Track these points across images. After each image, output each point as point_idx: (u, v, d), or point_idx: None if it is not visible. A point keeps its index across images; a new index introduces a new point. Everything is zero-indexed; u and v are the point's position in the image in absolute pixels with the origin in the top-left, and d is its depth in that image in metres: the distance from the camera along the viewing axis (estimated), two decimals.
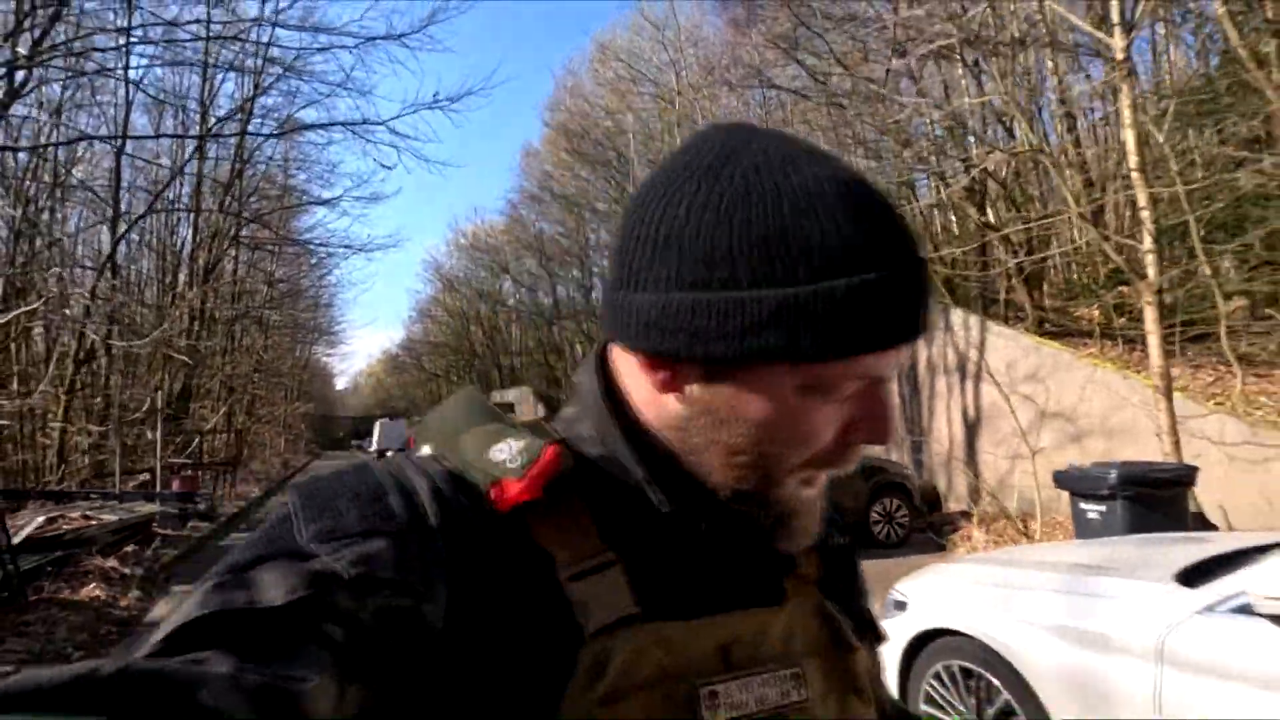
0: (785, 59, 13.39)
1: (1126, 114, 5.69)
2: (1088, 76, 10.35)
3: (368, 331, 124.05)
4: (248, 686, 0.36)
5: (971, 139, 11.70)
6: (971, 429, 10.21)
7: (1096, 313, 9.93)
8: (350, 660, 0.40)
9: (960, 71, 11.94)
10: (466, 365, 46.19)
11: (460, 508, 0.48)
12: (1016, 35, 8.67)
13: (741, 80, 15.47)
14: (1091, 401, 8.58)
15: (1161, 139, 7.08)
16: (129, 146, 12.88)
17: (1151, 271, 5.92)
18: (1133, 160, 5.85)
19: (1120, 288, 9.36)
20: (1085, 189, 10.32)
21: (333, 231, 32.91)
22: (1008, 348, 9.65)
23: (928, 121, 11.23)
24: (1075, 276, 10.75)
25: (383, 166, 32.55)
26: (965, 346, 10.32)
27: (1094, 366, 8.68)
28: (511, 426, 0.53)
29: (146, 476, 12.80)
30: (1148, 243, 5.90)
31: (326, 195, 17.57)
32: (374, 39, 11.12)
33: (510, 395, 33.51)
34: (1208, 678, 1.91)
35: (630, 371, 0.55)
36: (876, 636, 0.65)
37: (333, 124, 12.76)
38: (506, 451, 0.50)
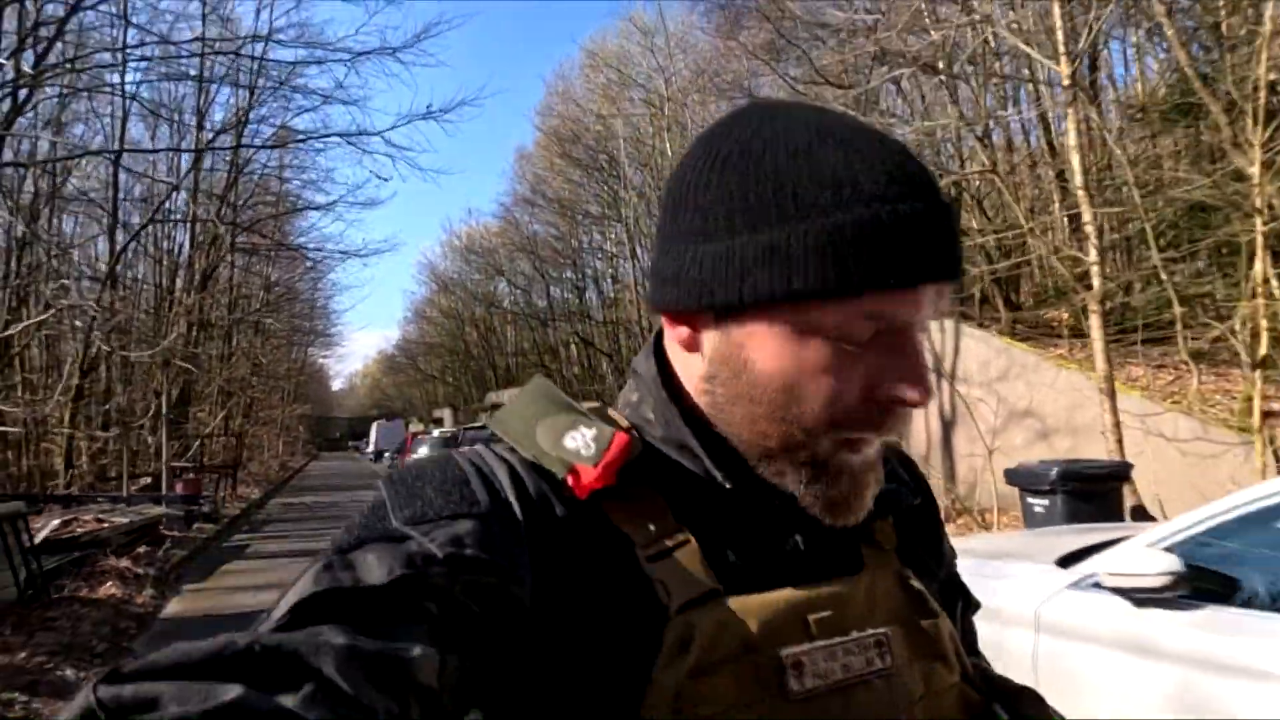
0: (769, 69, 13.80)
1: (1072, 137, 6.11)
2: (1049, 92, 10.80)
3: (364, 333, 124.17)
4: (363, 655, 0.39)
5: (946, 151, 12.15)
6: (947, 427, 10.64)
7: (1066, 315, 10.37)
8: (447, 633, 0.43)
9: (938, 82, 12.35)
10: (462, 366, 46.47)
11: (539, 493, 0.50)
12: (969, 61, 9.10)
13: (726, 89, 15.87)
14: (1058, 400, 9.02)
15: (1119, 152, 7.50)
16: (126, 159, 13.25)
17: (1096, 283, 6.35)
18: (1078, 179, 6.28)
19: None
20: (1062, 198, 10.79)
21: (328, 236, 33.15)
22: (980, 349, 10.09)
23: (900, 136, 11.67)
24: (1047, 281, 11.21)
25: (379, 178, 32.85)
26: (941, 347, 10.75)
27: (1059, 367, 9.11)
28: (583, 414, 0.54)
29: (148, 480, 13.17)
30: (1093, 255, 6.32)
31: (321, 200, 17.82)
32: (367, 53, 11.46)
33: (505, 396, 33.93)
34: (1070, 640, 2.33)
35: (673, 347, 0.57)
36: (967, 602, 0.65)
37: (328, 134, 13.14)
38: (580, 439, 0.51)
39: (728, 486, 0.53)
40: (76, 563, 6.67)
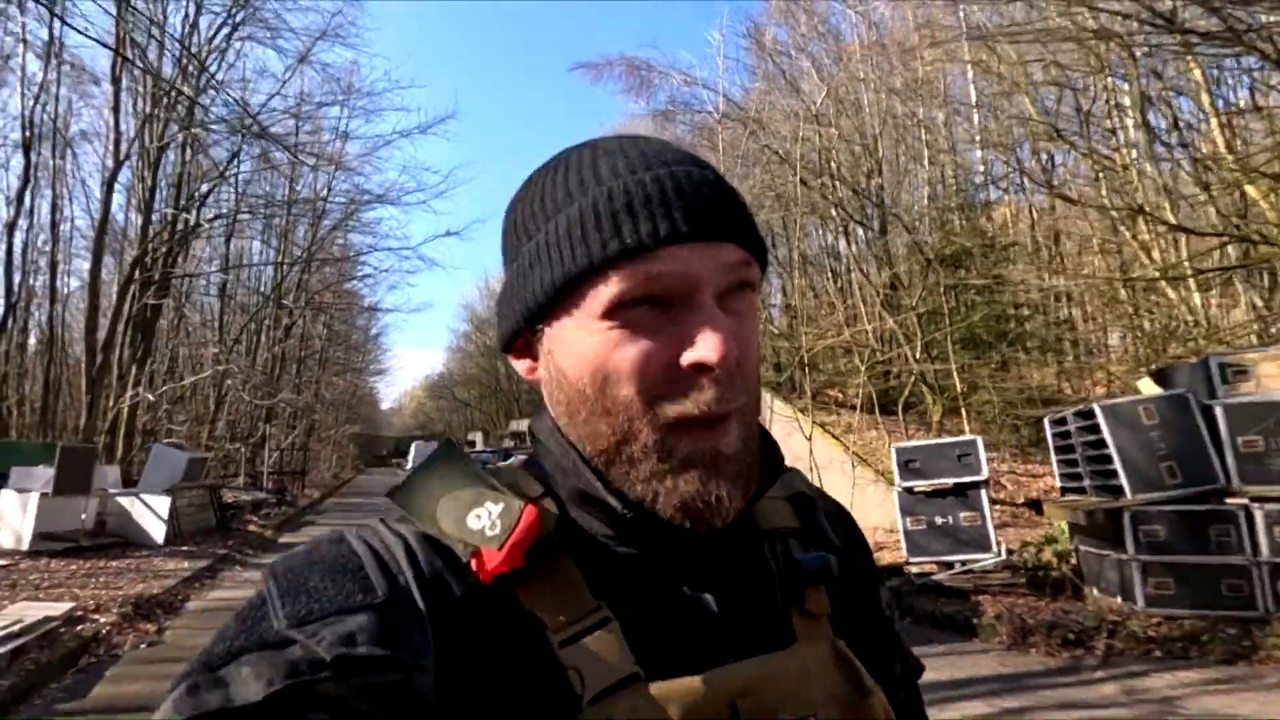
0: None
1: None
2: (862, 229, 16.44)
3: (415, 350, 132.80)
4: None
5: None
6: None
7: (839, 392, 15.88)
8: None
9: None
10: (492, 396, 52.89)
11: (439, 575, 0.47)
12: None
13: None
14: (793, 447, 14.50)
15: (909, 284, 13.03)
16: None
17: (862, 378, 11.88)
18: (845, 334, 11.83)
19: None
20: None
21: (380, 298, 41.24)
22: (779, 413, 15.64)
23: None
24: (840, 364, 16.64)
25: (409, 285, 39.94)
26: None
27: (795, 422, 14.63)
28: (489, 488, 0.50)
29: (250, 479, 19.54)
30: (857, 362, 11.86)
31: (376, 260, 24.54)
32: (409, 203, 17.73)
33: (525, 425, 40.06)
34: None
35: (545, 392, 0.55)
36: (906, 666, 0.62)
37: (378, 249, 19.50)
38: (485, 518, 0.48)
39: (623, 520, 0.50)
40: (236, 513, 12.81)
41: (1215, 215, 8.67)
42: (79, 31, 10.26)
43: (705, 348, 0.46)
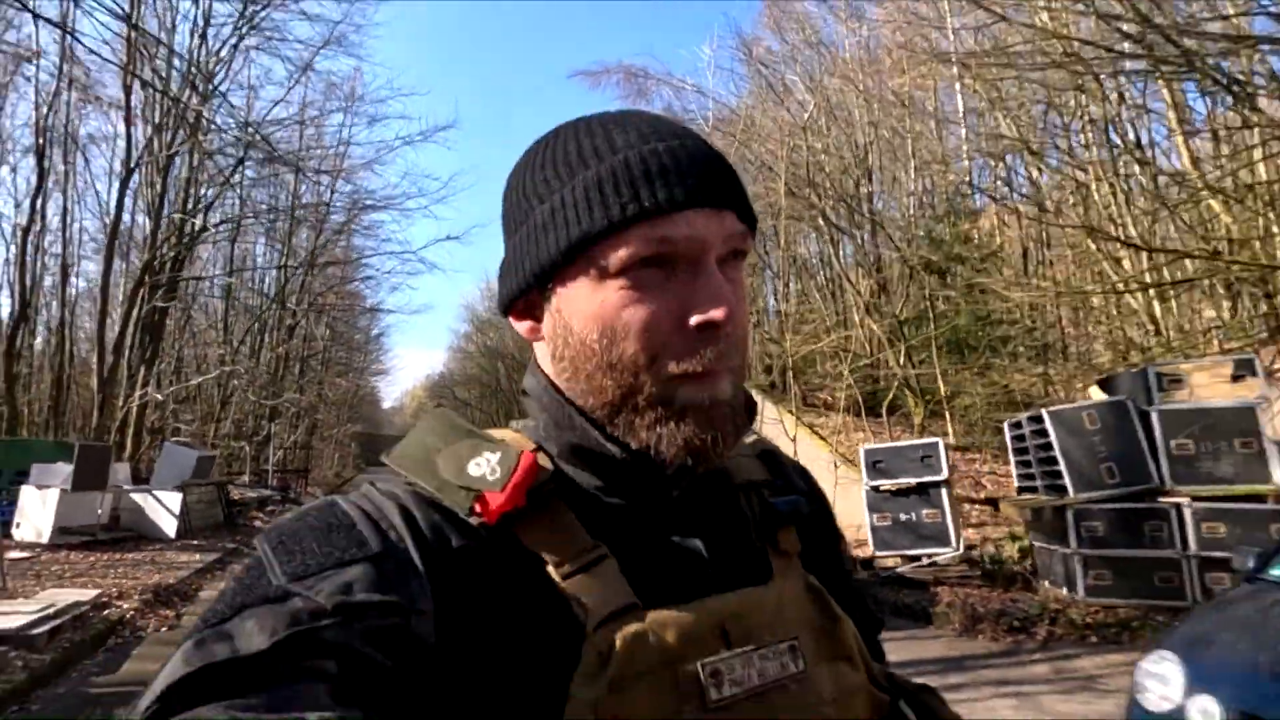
0: None
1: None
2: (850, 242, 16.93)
3: (415, 350, 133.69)
4: None
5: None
6: None
7: (828, 395, 16.35)
8: (348, 689, 0.41)
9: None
10: (492, 396, 53.33)
11: (432, 524, 0.49)
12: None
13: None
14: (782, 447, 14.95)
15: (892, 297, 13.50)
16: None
17: (845, 381, 12.34)
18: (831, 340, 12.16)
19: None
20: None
21: (381, 299, 42.11)
22: (768, 415, 16.10)
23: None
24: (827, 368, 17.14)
25: (410, 289, 40.88)
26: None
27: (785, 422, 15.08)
28: (486, 440, 0.53)
29: (254, 477, 20.03)
30: (845, 368, 12.32)
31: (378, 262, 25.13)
32: (410, 209, 18.20)
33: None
34: None
35: (537, 350, 0.59)
36: (870, 619, 0.66)
37: (380, 254, 19.97)
38: (485, 465, 0.50)
39: (616, 470, 0.54)
40: (242, 509, 13.28)
41: (1174, 229, 9.12)
42: (91, 50, 10.68)
43: (713, 309, 0.50)
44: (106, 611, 6.02)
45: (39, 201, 16.23)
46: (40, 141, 15.68)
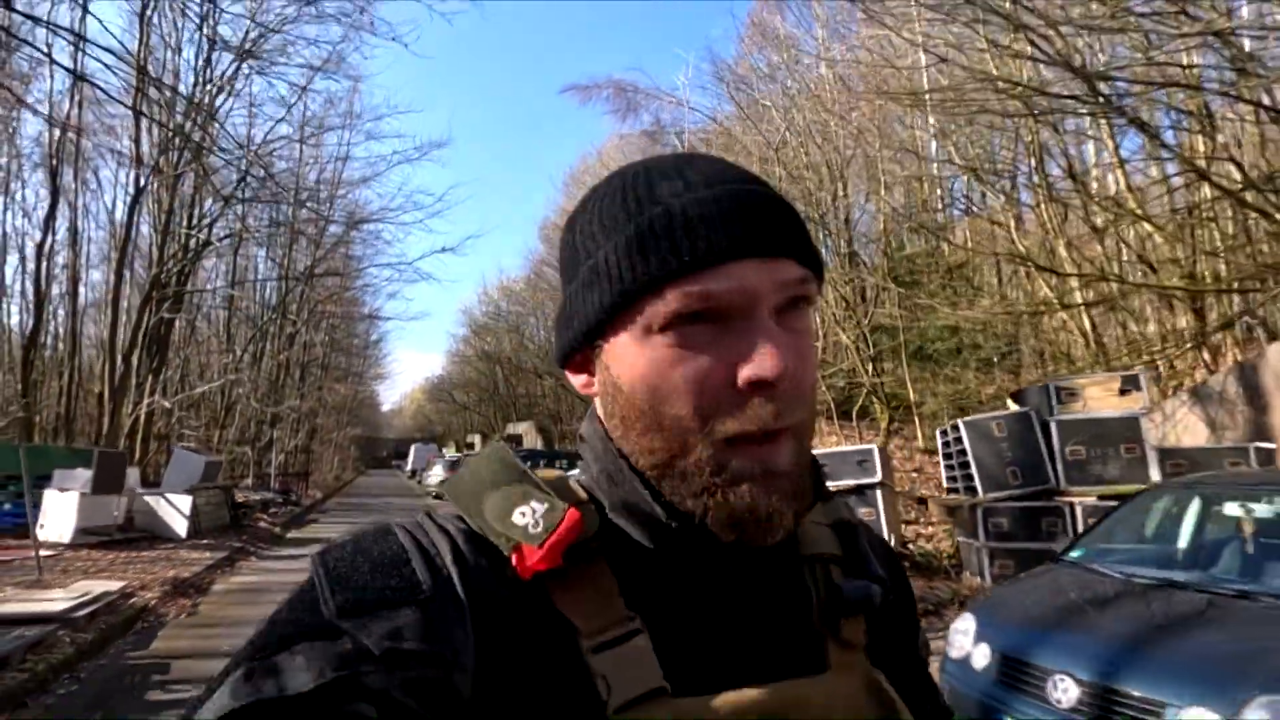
0: None
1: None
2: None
3: (413, 353, 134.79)
4: None
5: None
6: None
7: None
8: None
9: None
10: (490, 400, 54.04)
11: (482, 570, 0.48)
12: None
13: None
14: None
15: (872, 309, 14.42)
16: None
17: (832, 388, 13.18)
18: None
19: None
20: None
21: (379, 305, 42.74)
22: None
23: None
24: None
25: (406, 299, 41.36)
26: None
27: None
28: (536, 487, 0.51)
29: (258, 480, 20.83)
30: (831, 371, 13.08)
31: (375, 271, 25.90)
32: (407, 222, 19.00)
33: (520, 428, 41.37)
34: None
35: (595, 403, 0.57)
36: (938, 710, 0.61)
37: (379, 265, 20.73)
38: (530, 515, 0.49)
39: (666, 532, 0.50)
40: (247, 511, 14.10)
41: (1105, 248, 9.95)
42: (99, 88, 11.46)
43: (763, 365, 0.46)
44: (133, 600, 6.82)
45: (53, 220, 17.04)
46: (54, 163, 16.51)
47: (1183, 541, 3.84)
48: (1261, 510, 3.50)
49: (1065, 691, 2.76)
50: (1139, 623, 2.92)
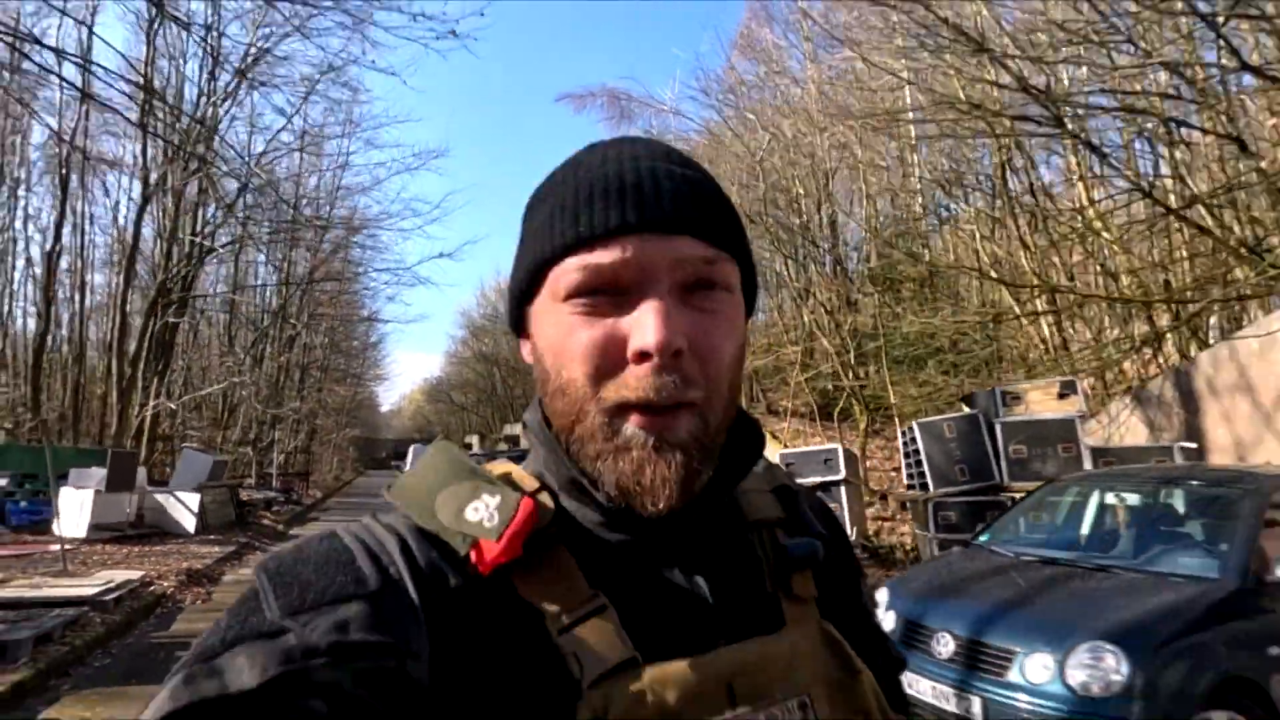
0: None
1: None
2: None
3: (412, 354, 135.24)
4: None
5: None
6: None
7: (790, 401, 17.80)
8: None
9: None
10: (488, 400, 54.65)
11: (432, 564, 0.48)
12: None
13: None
14: None
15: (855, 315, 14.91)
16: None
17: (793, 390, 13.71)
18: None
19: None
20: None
21: (378, 308, 43.25)
22: None
23: None
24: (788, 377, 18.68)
25: (405, 303, 41.82)
26: None
27: None
28: (487, 481, 0.51)
29: (260, 479, 21.40)
30: (795, 379, 13.70)
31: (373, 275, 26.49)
32: (406, 229, 19.55)
33: (518, 429, 42.03)
34: None
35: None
36: (889, 659, 0.64)
37: (378, 269, 21.36)
38: (483, 510, 0.49)
39: (611, 508, 0.51)
40: (251, 509, 14.69)
41: (1072, 258, 10.54)
42: (109, 106, 12.03)
43: (644, 336, 0.48)
44: (151, 588, 7.40)
45: (61, 226, 17.61)
46: (63, 172, 17.08)
47: (1074, 527, 4.44)
48: (1131, 499, 4.10)
49: (945, 645, 3.37)
50: (1009, 589, 3.52)
